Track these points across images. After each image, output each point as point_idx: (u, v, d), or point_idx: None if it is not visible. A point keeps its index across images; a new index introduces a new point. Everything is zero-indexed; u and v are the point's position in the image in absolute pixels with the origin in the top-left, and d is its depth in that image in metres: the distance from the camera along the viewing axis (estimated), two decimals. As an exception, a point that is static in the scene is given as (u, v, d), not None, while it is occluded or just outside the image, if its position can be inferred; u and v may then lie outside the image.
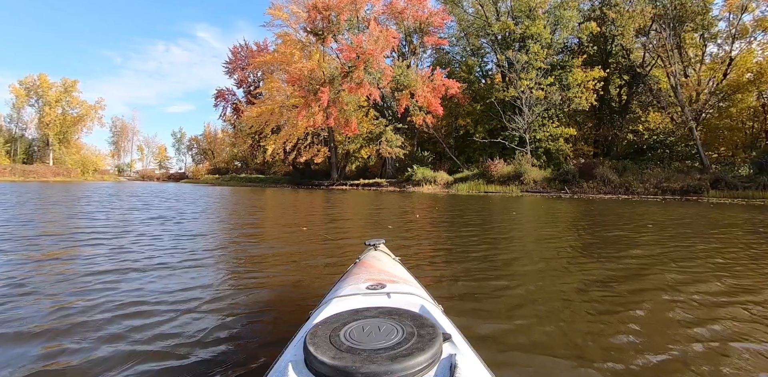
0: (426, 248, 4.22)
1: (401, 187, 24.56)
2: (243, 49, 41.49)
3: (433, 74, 25.67)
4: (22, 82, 56.61)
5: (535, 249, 4.34)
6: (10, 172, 46.37)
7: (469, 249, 4.08)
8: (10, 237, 4.42)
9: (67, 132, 58.32)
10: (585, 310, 2.32)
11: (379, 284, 1.23)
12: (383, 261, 1.68)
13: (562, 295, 2.63)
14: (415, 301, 1.09)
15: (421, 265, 3.39)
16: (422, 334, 0.79)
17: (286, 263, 3.45)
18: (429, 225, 6.04)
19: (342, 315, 0.91)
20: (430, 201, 13.05)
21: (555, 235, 5.34)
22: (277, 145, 32.18)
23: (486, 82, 30.71)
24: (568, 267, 3.46)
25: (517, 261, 3.65)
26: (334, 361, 0.70)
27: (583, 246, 4.46)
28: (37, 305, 2.25)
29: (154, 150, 79.69)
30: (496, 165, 22.28)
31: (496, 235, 5.08)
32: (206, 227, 5.79)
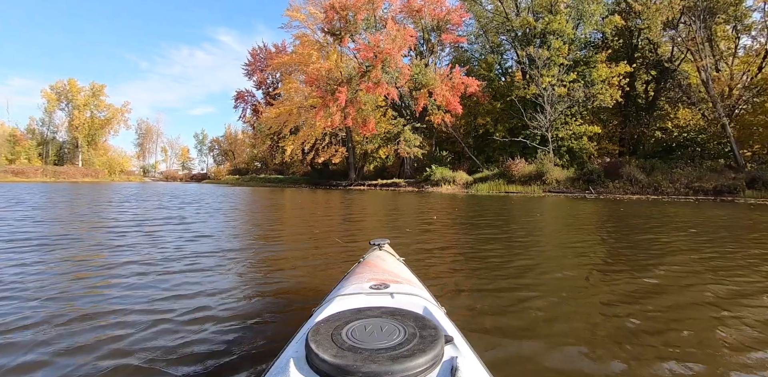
0: (442, 252, 4.02)
1: (419, 187, 24.31)
2: (262, 50, 42.02)
3: (452, 72, 25.29)
4: (53, 86, 58.88)
5: (558, 254, 4.08)
6: (42, 173, 48.26)
7: (486, 254, 3.86)
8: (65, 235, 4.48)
9: (95, 134, 60.44)
10: (614, 330, 2.07)
11: (383, 284, 1.22)
12: (387, 261, 1.67)
13: (587, 311, 2.38)
14: (419, 302, 1.09)
15: (437, 271, 3.20)
16: (424, 336, 0.78)
17: (292, 263, 3.42)
18: (447, 227, 5.83)
19: (345, 314, 0.91)
20: (448, 201, 12.79)
21: (579, 239, 5.05)
22: (295, 146, 32.39)
23: (506, 79, 30.12)
24: (594, 276, 3.20)
25: (537, 269, 3.39)
26: (336, 359, 0.70)
27: (610, 252, 4.17)
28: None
29: (177, 151, 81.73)
30: (517, 164, 21.77)
31: (516, 239, 4.84)
32: (218, 227, 5.76)
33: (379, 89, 23.27)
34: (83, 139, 59.40)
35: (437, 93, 24.25)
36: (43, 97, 58.67)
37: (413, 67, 24.66)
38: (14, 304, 2.26)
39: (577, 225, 6.56)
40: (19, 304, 2.26)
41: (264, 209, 9.06)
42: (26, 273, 2.96)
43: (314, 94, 26.33)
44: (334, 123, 25.01)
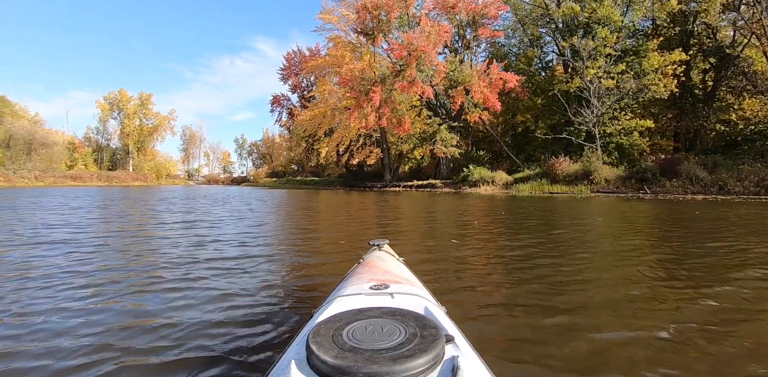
0: (482, 263, 3.44)
1: (457, 188, 23.51)
2: (296, 54, 42.58)
3: (489, 68, 24.30)
4: (106, 97, 63.01)
5: (610, 265, 3.37)
6: (97, 178, 51.45)
7: (526, 266, 3.21)
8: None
9: (144, 141, 64.05)
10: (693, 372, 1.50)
11: (383, 284, 1.21)
12: (387, 261, 1.66)
13: (651, 343, 1.76)
14: (419, 302, 1.08)
15: (473, 285, 2.62)
16: (425, 335, 0.78)
17: (308, 268, 3.30)
18: (488, 232, 5.24)
19: (345, 315, 0.90)
20: (488, 203, 12.08)
21: (635, 247, 4.26)
22: (330, 148, 32.43)
23: (546, 74, 28.68)
24: (656, 295, 2.50)
25: (585, 286, 2.74)
26: (336, 360, 0.70)
27: (674, 263, 3.41)
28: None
29: (219, 155, 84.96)
30: (561, 163, 20.53)
31: (563, 246, 4.15)
32: (237, 231, 5.51)
33: (413, 88, 22.67)
34: (133, 145, 63.08)
35: (474, 90, 23.35)
36: (97, 107, 63.01)
37: (448, 64, 23.89)
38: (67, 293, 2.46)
39: (635, 229, 5.74)
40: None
41: (296, 211, 8.80)
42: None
43: (348, 95, 26.12)
44: (369, 123, 24.67)
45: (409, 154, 32.83)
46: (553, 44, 27.80)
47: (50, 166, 49.28)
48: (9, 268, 3.12)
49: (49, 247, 4.05)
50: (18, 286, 2.61)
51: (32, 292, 2.50)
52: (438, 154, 26.14)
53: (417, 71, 22.51)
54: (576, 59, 23.46)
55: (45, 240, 4.54)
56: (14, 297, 2.39)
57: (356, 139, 32.05)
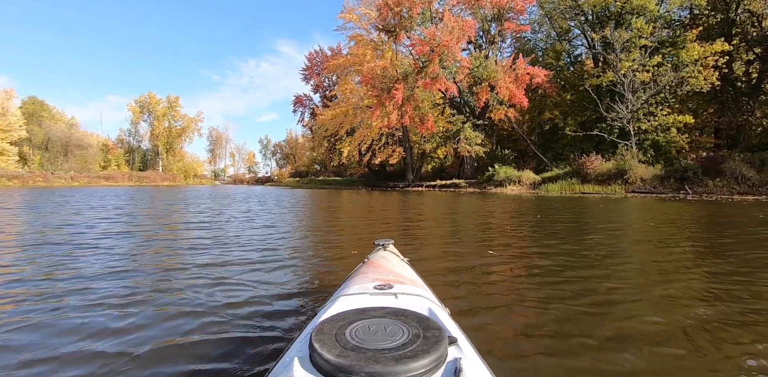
0: (509, 275, 2.96)
1: (481, 188, 22.81)
2: (318, 54, 42.62)
3: (515, 63, 23.44)
4: (137, 100, 65.20)
5: (654, 282, 2.74)
6: (129, 178, 53.16)
7: (556, 280, 2.65)
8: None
9: (172, 142, 65.89)
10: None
11: (387, 284, 1.21)
12: (392, 261, 1.66)
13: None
14: (423, 303, 1.07)
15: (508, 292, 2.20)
16: (428, 336, 0.78)
17: (308, 269, 3.22)
18: (519, 237, 4.75)
19: (348, 314, 0.90)
20: (516, 204, 11.47)
21: (681, 256, 3.65)
22: (351, 147, 32.19)
23: (575, 68, 27.51)
24: (709, 321, 1.97)
25: (624, 304, 2.26)
26: (339, 359, 0.70)
27: (727, 277, 2.81)
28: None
29: (244, 156, 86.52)
30: (593, 161, 19.54)
31: (601, 254, 3.62)
32: (254, 229, 5.32)
33: (437, 85, 22.09)
34: (162, 146, 64.98)
35: (500, 86, 22.53)
36: (129, 110, 65.32)
37: (473, 60, 23.18)
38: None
39: (683, 234, 5.09)
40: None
41: (314, 212, 8.50)
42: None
43: (370, 93, 25.74)
44: (391, 122, 24.24)
45: (432, 153, 32.25)
46: (582, 38, 26.65)
47: (85, 167, 51.20)
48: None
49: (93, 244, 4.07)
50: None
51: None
52: (462, 152, 25.46)
53: (440, 67, 21.91)
54: (608, 52, 22.34)
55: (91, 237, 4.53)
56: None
57: (378, 138, 31.70)
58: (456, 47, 21.66)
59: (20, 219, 6.73)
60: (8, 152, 43.80)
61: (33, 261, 3.38)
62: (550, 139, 27.90)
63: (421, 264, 3.12)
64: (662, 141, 21.56)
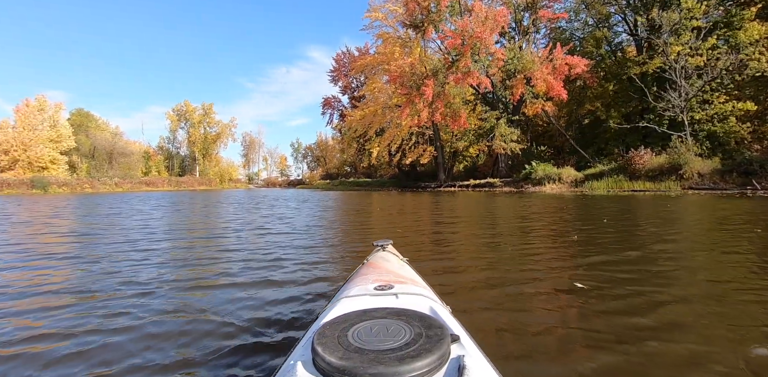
0: (561, 298, 2.21)
1: (518, 186, 21.58)
2: (345, 55, 42.36)
3: (552, 52, 22.04)
4: (174, 109, 67.73)
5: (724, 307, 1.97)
6: (168, 183, 55.23)
7: (622, 309, 1.92)
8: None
9: (208, 148, 67.98)
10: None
11: (387, 285, 1.21)
12: (391, 261, 1.65)
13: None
14: (424, 302, 1.08)
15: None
16: (430, 335, 0.77)
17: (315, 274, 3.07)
18: (583, 246, 3.94)
19: (350, 316, 0.90)
20: (559, 204, 10.45)
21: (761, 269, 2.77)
22: (381, 148, 31.56)
23: (617, 57, 25.66)
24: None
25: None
26: (342, 361, 0.69)
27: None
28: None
29: (276, 159, 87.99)
30: (642, 156, 17.96)
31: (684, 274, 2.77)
32: (278, 232, 4.74)
33: (469, 79, 21.02)
34: (199, 152, 67.19)
35: (537, 77, 21.17)
36: (167, 119, 67.88)
37: (507, 52, 21.95)
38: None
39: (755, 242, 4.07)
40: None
41: (342, 216, 7.94)
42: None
43: (399, 90, 24.87)
44: (422, 120, 23.30)
45: (464, 151, 31.17)
46: (624, 23, 24.83)
47: (128, 173, 53.58)
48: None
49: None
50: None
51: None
52: (497, 150, 24.24)
53: (472, 61, 20.84)
54: (655, 35, 20.59)
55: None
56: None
57: (408, 137, 30.91)
58: (489, 38, 20.51)
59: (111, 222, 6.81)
60: (59, 161, 46.43)
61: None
62: (591, 133, 26.22)
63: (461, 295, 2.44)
64: (719, 131, 19.62)
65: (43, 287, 2.61)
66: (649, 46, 22.46)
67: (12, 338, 1.78)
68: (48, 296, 2.41)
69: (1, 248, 4.26)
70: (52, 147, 45.90)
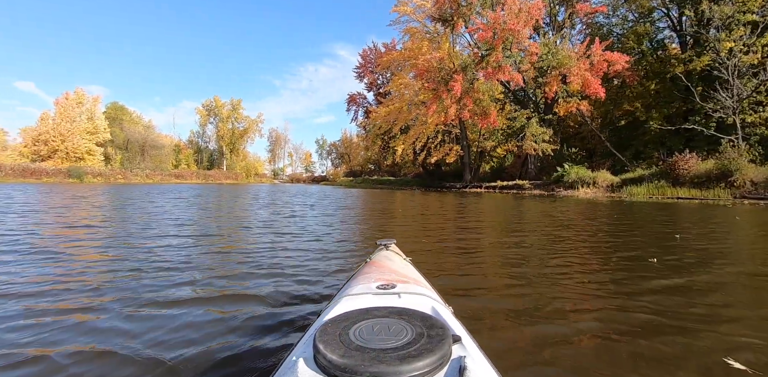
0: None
1: (549, 190, 20.51)
2: (372, 51, 41.83)
3: (590, 48, 20.78)
4: (204, 104, 69.33)
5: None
6: (196, 176, 56.60)
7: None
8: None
9: (235, 143, 69.21)
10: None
11: (390, 284, 1.21)
12: (394, 261, 1.64)
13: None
14: (426, 302, 1.07)
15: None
16: (432, 335, 0.78)
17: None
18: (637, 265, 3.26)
19: (352, 314, 0.90)
20: (600, 210, 9.59)
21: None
22: (406, 145, 30.77)
23: (659, 54, 24.03)
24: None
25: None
26: (343, 359, 0.70)
27: None
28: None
29: (301, 156, 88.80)
30: (687, 160, 16.63)
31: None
32: (294, 230, 4.44)
33: (500, 74, 19.99)
34: (226, 147, 68.51)
35: (574, 73, 19.97)
36: (197, 114, 69.47)
37: (541, 46, 20.83)
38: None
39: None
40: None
41: (364, 216, 7.45)
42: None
43: (426, 86, 23.96)
44: (449, 117, 22.33)
45: (492, 151, 30.12)
46: (666, 19, 23.22)
47: (159, 166, 55.07)
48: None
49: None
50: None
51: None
52: (527, 150, 23.13)
53: (503, 56, 19.81)
54: (704, 30, 19.09)
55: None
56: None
57: (434, 135, 30.08)
58: (523, 31, 19.43)
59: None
60: (95, 152, 48.17)
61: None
62: (628, 135, 24.74)
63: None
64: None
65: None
66: (695, 42, 20.91)
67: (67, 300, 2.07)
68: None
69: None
70: (89, 138, 47.59)
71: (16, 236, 4.31)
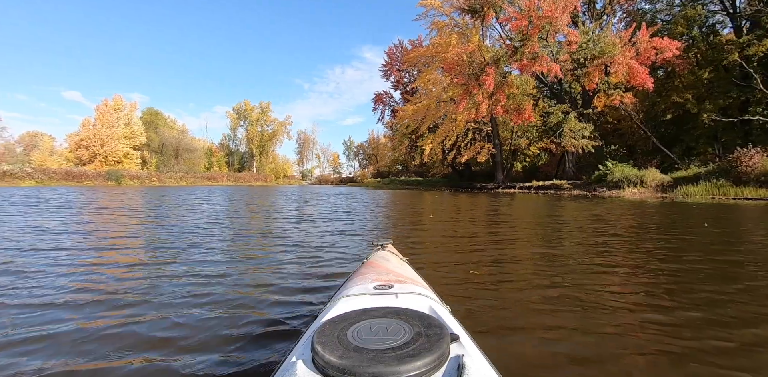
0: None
1: (590, 190, 18.98)
2: (398, 49, 40.94)
3: (635, 35, 19.04)
4: (234, 108, 70.93)
5: None
6: (227, 178, 57.94)
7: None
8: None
9: (265, 145, 70.34)
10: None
11: (387, 284, 1.22)
12: (391, 261, 1.64)
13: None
14: (423, 302, 1.08)
15: None
16: (430, 335, 0.78)
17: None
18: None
19: (350, 315, 0.90)
20: (652, 214, 8.38)
21: None
22: (434, 144, 29.53)
23: (710, 40, 21.88)
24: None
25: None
26: (342, 360, 0.70)
27: None
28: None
29: (329, 157, 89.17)
30: (752, 156, 14.86)
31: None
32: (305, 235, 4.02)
33: (536, 66, 18.58)
34: (256, 149, 69.70)
35: (618, 63, 18.29)
36: (228, 117, 71.13)
37: (581, 34, 19.25)
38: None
39: None
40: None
41: (389, 223, 6.67)
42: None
43: (456, 80, 22.62)
44: (480, 113, 21.03)
45: (526, 150, 28.58)
46: (719, 2, 21.12)
47: (192, 168, 56.55)
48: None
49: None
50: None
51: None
52: (567, 148, 21.55)
53: (540, 46, 18.37)
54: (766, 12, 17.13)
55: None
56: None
57: (464, 133, 28.74)
58: (562, 18, 17.94)
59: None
60: (132, 155, 49.96)
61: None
62: (676, 130, 22.75)
63: None
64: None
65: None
66: (752, 25, 18.90)
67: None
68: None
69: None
70: (126, 143, 49.35)
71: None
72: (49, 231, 4.96)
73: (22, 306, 2.09)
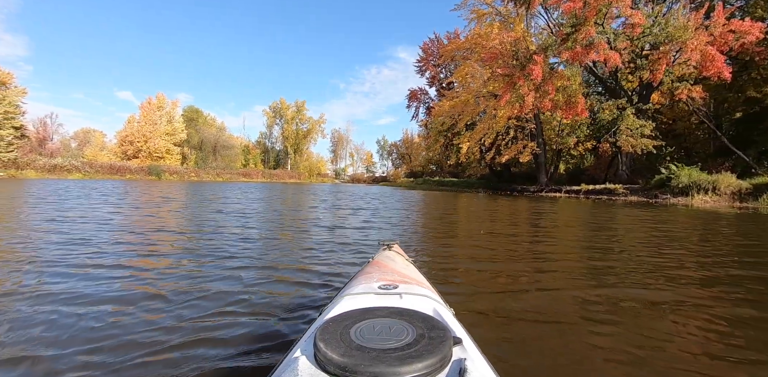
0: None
1: (650, 196, 16.69)
2: (433, 43, 39.22)
3: (710, 17, 16.54)
4: (271, 106, 72.06)
5: None
6: (262, 175, 58.87)
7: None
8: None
9: (299, 143, 70.93)
10: None
11: (392, 284, 1.21)
12: (397, 261, 1.65)
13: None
14: (427, 303, 1.08)
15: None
16: (432, 337, 0.78)
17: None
18: None
19: (353, 313, 0.90)
20: (748, 231, 6.58)
21: None
22: (472, 143, 27.35)
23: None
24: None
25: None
26: (343, 358, 0.70)
27: None
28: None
29: (362, 156, 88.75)
30: None
31: None
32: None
33: (592, 54, 16.41)
34: (291, 147, 70.43)
35: (690, 49, 15.90)
36: (264, 116, 72.38)
37: (645, 17, 16.88)
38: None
39: None
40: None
41: (421, 229, 5.40)
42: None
43: (498, 71, 20.67)
44: (526, 107, 19.10)
45: (572, 150, 26.18)
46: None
47: (229, 165, 57.77)
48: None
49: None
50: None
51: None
52: (624, 148, 19.22)
53: (596, 31, 16.18)
54: None
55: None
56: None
57: (505, 131, 26.56)
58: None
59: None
60: (173, 151, 51.52)
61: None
62: (750, 129, 19.88)
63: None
64: None
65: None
66: None
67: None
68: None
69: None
70: (168, 139, 50.93)
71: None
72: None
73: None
